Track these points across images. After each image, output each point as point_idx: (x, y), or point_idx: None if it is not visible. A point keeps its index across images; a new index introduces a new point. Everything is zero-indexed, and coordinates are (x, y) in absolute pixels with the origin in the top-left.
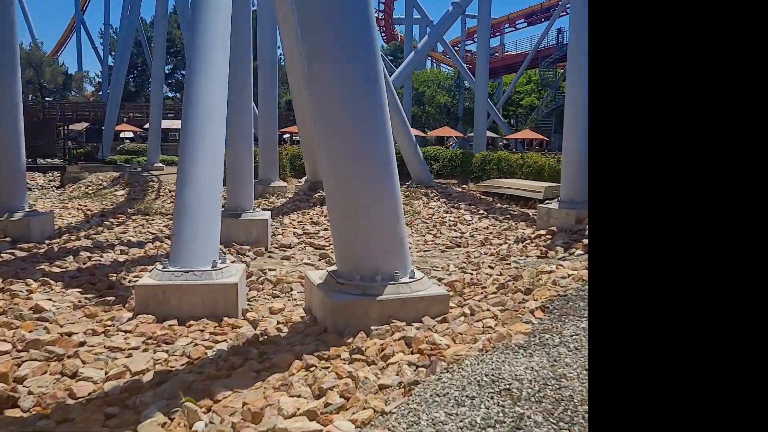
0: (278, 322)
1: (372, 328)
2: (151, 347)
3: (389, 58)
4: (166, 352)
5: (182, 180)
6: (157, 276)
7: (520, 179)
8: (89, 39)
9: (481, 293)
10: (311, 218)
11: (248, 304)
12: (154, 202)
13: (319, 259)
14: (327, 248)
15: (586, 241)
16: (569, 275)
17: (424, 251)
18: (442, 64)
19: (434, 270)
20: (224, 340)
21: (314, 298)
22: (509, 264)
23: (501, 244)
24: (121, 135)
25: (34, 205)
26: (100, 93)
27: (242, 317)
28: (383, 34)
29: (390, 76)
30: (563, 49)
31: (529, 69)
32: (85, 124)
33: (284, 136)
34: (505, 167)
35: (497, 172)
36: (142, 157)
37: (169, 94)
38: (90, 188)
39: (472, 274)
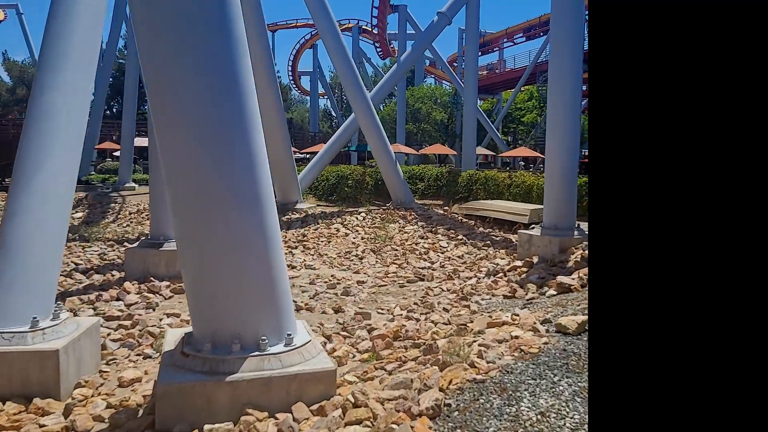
0: (108, 406)
1: (206, 428)
2: None
3: None
4: None
5: (8, 211)
6: None
7: (506, 201)
8: None
9: (398, 361)
10: None
11: (101, 371)
12: (108, 226)
13: None
14: None
15: (561, 278)
16: (512, 338)
17: (380, 286)
18: (444, 82)
19: (378, 312)
20: None
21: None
22: (468, 305)
23: (469, 278)
24: (115, 153)
25: None
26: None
27: (70, 395)
28: (379, 51)
29: (370, 92)
30: None
31: (530, 85)
32: None
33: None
34: (492, 187)
35: (484, 192)
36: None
37: None
38: None
39: (418, 319)
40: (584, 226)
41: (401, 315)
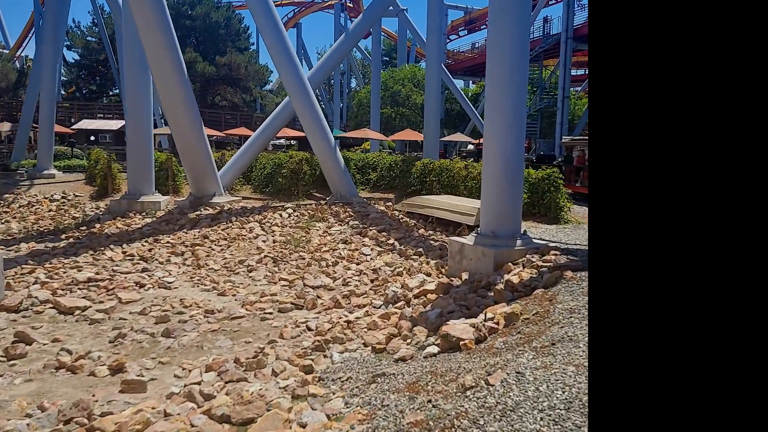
0: None
1: None
2: None
3: (385, 59)
4: None
5: None
6: None
7: (456, 197)
8: None
9: None
10: (150, 250)
11: None
12: None
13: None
14: (78, 313)
15: (450, 326)
16: None
17: (233, 318)
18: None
19: (176, 375)
20: None
21: None
22: (313, 363)
23: (362, 307)
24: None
25: None
26: (63, 92)
27: None
28: None
29: (310, 78)
30: (549, 41)
31: None
32: (9, 125)
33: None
34: (446, 180)
35: (438, 185)
36: (64, 161)
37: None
38: None
39: (211, 395)
40: (535, 233)
41: (196, 384)
